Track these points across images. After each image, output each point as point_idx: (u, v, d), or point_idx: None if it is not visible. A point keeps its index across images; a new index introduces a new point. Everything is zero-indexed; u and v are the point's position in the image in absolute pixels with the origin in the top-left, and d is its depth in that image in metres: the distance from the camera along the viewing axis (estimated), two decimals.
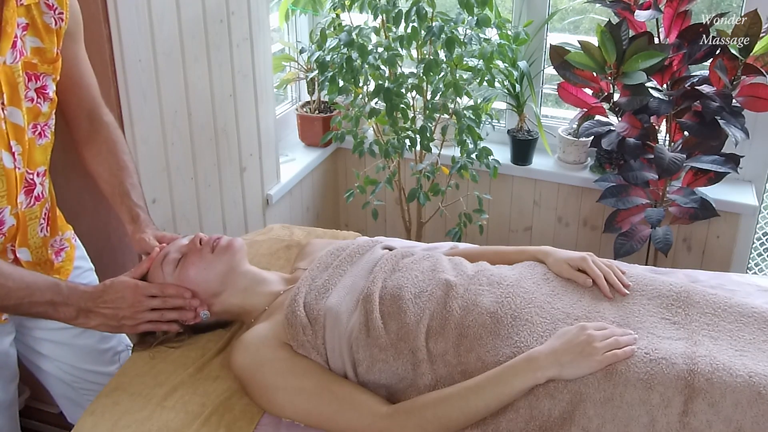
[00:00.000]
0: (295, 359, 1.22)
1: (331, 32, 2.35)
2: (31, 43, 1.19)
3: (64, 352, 1.44)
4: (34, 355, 1.44)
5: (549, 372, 1.10)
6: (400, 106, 2.27)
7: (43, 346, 1.42)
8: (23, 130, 1.20)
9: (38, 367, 1.46)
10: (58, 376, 1.46)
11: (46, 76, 1.23)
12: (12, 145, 1.19)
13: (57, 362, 1.44)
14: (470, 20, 2.17)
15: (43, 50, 1.21)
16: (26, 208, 1.26)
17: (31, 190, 1.26)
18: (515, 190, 2.72)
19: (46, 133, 1.27)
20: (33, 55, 1.20)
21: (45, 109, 1.24)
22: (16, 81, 1.17)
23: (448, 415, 1.10)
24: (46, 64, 1.22)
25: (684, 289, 1.28)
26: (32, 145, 1.24)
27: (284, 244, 1.72)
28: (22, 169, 1.22)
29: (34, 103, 1.22)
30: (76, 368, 1.45)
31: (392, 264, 1.36)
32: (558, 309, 1.24)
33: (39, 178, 1.28)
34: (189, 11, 1.86)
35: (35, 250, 1.32)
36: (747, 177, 2.46)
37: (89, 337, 1.45)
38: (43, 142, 1.27)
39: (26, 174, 1.24)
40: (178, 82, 1.87)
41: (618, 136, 2.21)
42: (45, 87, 1.23)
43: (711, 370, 1.08)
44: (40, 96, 1.23)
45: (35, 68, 1.20)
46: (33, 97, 1.21)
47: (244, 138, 2.23)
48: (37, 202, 1.29)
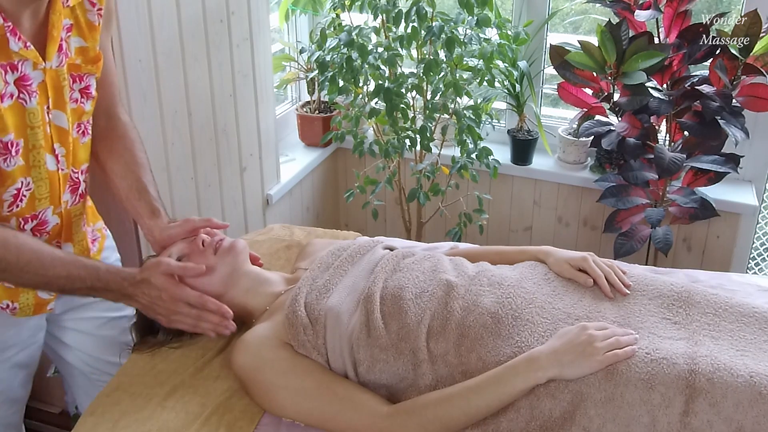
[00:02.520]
0: (296, 359, 1.22)
1: (331, 32, 2.34)
2: (75, 43, 1.19)
3: (87, 342, 1.45)
4: (59, 346, 1.44)
5: (550, 372, 1.10)
6: (400, 106, 2.27)
7: (69, 336, 1.43)
8: (67, 132, 1.20)
9: (62, 358, 1.47)
10: (79, 368, 1.47)
11: (90, 75, 1.22)
12: (56, 148, 1.19)
13: (79, 352, 1.45)
14: (470, 20, 2.17)
15: (87, 49, 1.21)
16: (72, 206, 1.27)
17: (76, 188, 1.27)
18: (515, 190, 2.72)
19: (89, 130, 1.27)
20: (77, 56, 1.19)
21: (88, 108, 1.24)
22: (62, 84, 1.16)
23: (449, 415, 1.10)
24: (90, 63, 1.21)
25: (685, 289, 1.28)
26: (76, 145, 1.24)
27: (284, 244, 1.72)
28: (66, 170, 1.22)
29: (78, 104, 1.21)
30: (96, 359, 1.46)
31: (393, 264, 1.35)
32: (559, 309, 1.24)
33: (83, 176, 1.28)
34: (189, 11, 1.86)
35: (78, 243, 1.33)
36: (747, 177, 2.46)
37: (112, 328, 1.46)
38: (86, 139, 1.27)
39: (71, 173, 1.25)
40: (178, 82, 1.87)
41: (618, 136, 2.21)
42: (88, 87, 1.23)
43: (712, 370, 1.08)
44: (83, 96, 1.22)
45: (79, 69, 1.20)
46: (77, 98, 1.21)
47: (244, 138, 2.23)
48: (81, 200, 1.29)
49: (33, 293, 1.26)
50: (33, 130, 1.13)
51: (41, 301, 1.28)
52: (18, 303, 1.25)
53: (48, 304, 1.30)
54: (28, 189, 1.16)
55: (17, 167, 1.13)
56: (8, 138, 1.09)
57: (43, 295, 1.28)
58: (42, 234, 1.23)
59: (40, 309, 1.29)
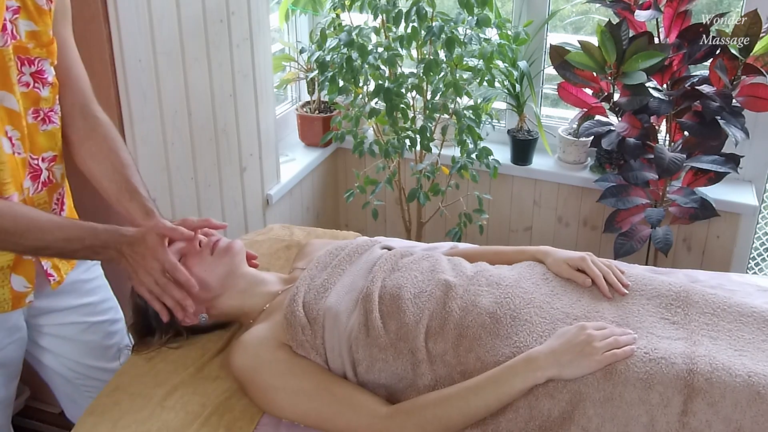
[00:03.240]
0: (294, 360, 1.22)
1: (331, 32, 2.35)
2: (25, 26, 1.18)
3: (69, 348, 1.44)
4: (37, 350, 1.43)
5: (548, 372, 1.10)
6: (400, 106, 2.27)
7: (48, 341, 1.42)
8: (19, 115, 1.19)
9: (40, 362, 1.46)
10: (60, 372, 1.46)
11: (42, 60, 1.21)
12: (8, 131, 1.18)
13: (61, 358, 1.44)
14: (470, 20, 2.17)
15: (38, 33, 1.20)
16: (35, 194, 1.26)
17: (37, 175, 1.26)
18: (515, 190, 2.72)
19: (53, 119, 1.26)
20: (28, 39, 1.19)
21: (45, 94, 1.23)
22: (7, 65, 1.16)
23: (448, 416, 1.10)
24: (41, 47, 1.21)
25: (683, 289, 1.28)
26: (34, 131, 1.23)
27: (284, 244, 1.72)
28: (24, 154, 1.22)
29: (30, 88, 1.21)
30: (79, 364, 1.45)
31: (391, 264, 1.36)
32: (557, 309, 1.24)
33: (45, 164, 1.27)
34: (189, 11, 1.86)
35: None
36: (747, 177, 2.46)
37: (94, 333, 1.45)
38: (48, 128, 1.26)
39: (30, 159, 1.24)
40: (178, 82, 1.87)
41: (618, 136, 2.21)
42: (42, 71, 1.22)
43: (710, 369, 1.08)
44: (37, 81, 1.21)
45: (27, 52, 1.19)
46: (29, 81, 1.20)
47: (244, 138, 2.23)
48: (45, 188, 1.28)
49: (8, 288, 1.25)
50: None
51: (18, 294, 1.27)
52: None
53: (26, 297, 1.29)
54: None
55: None
56: None
57: (19, 288, 1.27)
58: None
59: (18, 303, 1.28)
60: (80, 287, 1.43)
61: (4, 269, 1.24)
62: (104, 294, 1.49)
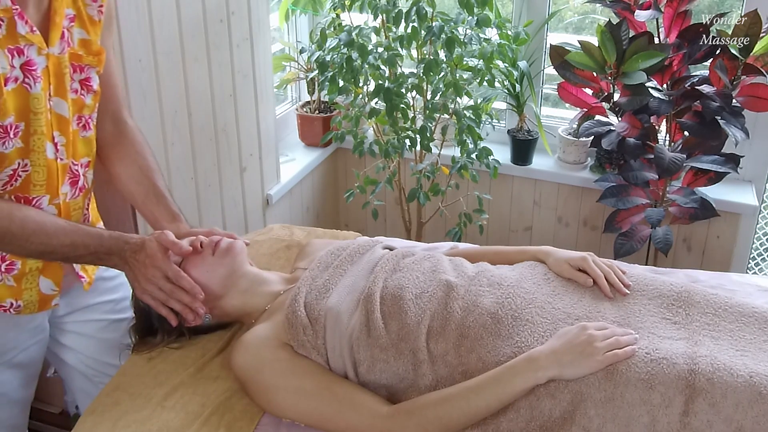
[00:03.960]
0: (296, 359, 1.22)
1: (331, 32, 2.35)
2: (78, 35, 1.21)
3: (89, 345, 1.45)
4: (58, 347, 1.44)
5: (550, 372, 1.10)
6: (400, 106, 2.27)
7: (70, 338, 1.43)
8: (68, 121, 1.21)
9: (61, 360, 1.47)
10: (79, 369, 1.47)
11: (91, 68, 1.24)
12: (55, 136, 1.20)
13: (80, 355, 1.45)
14: (470, 20, 2.17)
15: (89, 42, 1.23)
16: (71, 200, 1.27)
17: (76, 181, 1.27)
18: (515, 190, 2.72)
19: (90, 125, 1.28)
20: (80, 47, 1.21)
21: (89, 101, 1.26)
22: (63, 72, 1.18)
23: (449, 415, 1.10)
24: (92, 55, 1.23)
25: (684, 289, 1.28)
26: (76, 137, 1.25)
27: (284, 244, 1.72)
28: (66, 160, 1.23)
29: (78, 95, 1.23)
30: (98, 361, 1.46)
31: (393, 264, 1.35)
32: (558, 309, 1.24)
33: (83, 169, 1.28)
34: (189, 11, 1.86)
35: None
36: (747, 177, 2.46)
37: (114, 330, 1.46)
38: (87, 134, 1.28)
39: (71, 165, 1.25)
40: (178, 82, 1.87)
41: (618, 136, 2.21)
42: (89, 79, 1.24)
43: (712, 370, 1.08)
44: (84, 88, 1.24)
45: (80, 59, 1.22)
46: (77, 88, 1.23)
47: (244, 138, 2.23)
48: (81, 193, 1.29)
49: (36, 290, 1.26)
50: (36, 116, 1.15)
51: (45, 297, 1.28)
52: (21, 301, 1.25)
53: (52, 300, 1.30)
54: (25, 170, 1.17)
55: (15, 149, 1.14)
56: (8, 121, 1.11)
57: (47, 291, 1.28)
58: None
59: (45, 305, 1.29)
60: (102, 285, 1.44)
61: (33, 272, 1.25)
62: (125, 292, 1.50)
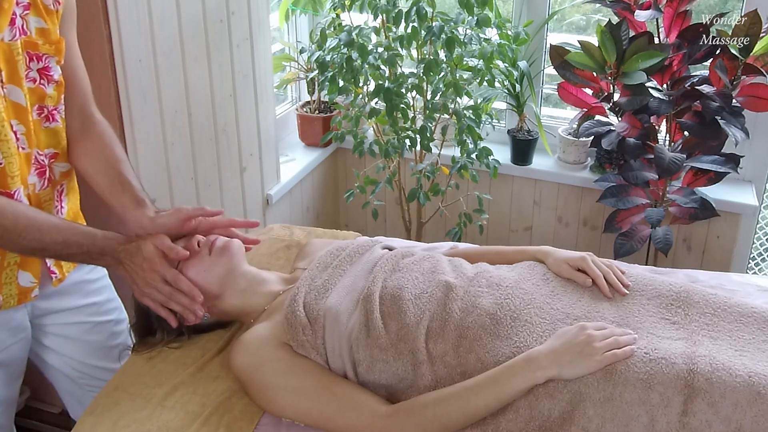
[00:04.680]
0: (295, 359, 1.22)
1: (331, 32, 2.35)
2: (35, 23, 1.20)
3: (73, 347, 1.44)
4: (42, 349, 1.44)
5: (549, 372, 1.10)
6: (400, 106, 2.27)
7: (53, 341, 1.42)
8: (26, 110, 1.20)
9: (45, 361, 1.46)
10: (64, 372, 1.46)
11: (49, 57, 1.23)
12: (13, 125, 1.19)
13: (65, 357, 1.44)
14: (470, 20, 2.17)
15: (48, 31, 1.22)
16: (40, 190, 1.27)
17: (42, 172, 1.26)
18: (515, 190, 2.72)
19: (55, 117, 1.27)
20: (38, 36, 1.20)
21: (50, 92, 1.24)
22: (15, 59, 1.17)
23: (448, 415, 1.10)
24: (49, 44, 1.22)
25: (684, 289, 1.28)
26: (37, 127, 1.24)
27: (284, 244, 1.72)
28: (28, 149, 1.22)
29: (36, 84, 1.22)
30: (84, 364, 1.45)
31: (392, 264, 1.36)
32: (557, 309, 1.24)
33: (48, 160, 1.27)
34: (189, 11, 1.86)
35: None
36: (747, 177, 2.46)
37: (99, 333, 1.46)
38: (51, 125, 1.27)
39: (36, 155, 1.24)
40: (178, 82, 1.87)
41: (618, 136, 2.21)
42: (48, 68, 1.23)
43: (711, 370, 1.08)
44: (43, 77, 1.23)
45: (36, 48, 1.20)
46: (35, 77, 1.21)
47: (244, 138, 2.23)
48: (49, 184, 1.29)
49: (15, 284, 1.26)
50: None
51: (24, 290, 1.28)
52: (1, 296, 1.25)
53: (31, 292, 1.29)
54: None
55: None
56: None
57: (26, 284, 1.28)
58: None
59: (24, 297, 1.29)
60: (85, 287, 1.43)
61: (11, 266, 1.25)
62: (109, 294, 1.49)
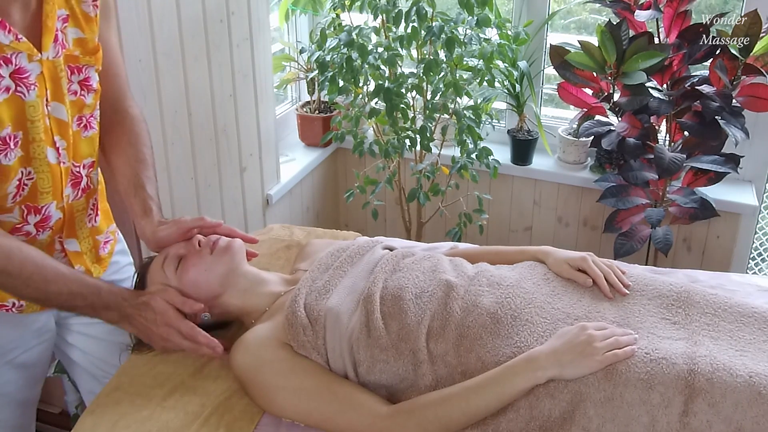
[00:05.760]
0: (296, 359, 1.22)
1: (331, 32, 2.35)
2: (72, 34, 1.18)
3: (97, 346, 1.44)
4: (67, 347, 1.44)
5: (549, 372, 1.10)
6: (400, 106, 2.27)
7: (78, 339, 1.43)
8: (67, 124, 1.19)
9: (70, 359, 1.46)
10: (88, 370, 1.46)
11: (89, 67, 1.21)
12: (56, 141, 1.18)
13: (89, 356, 1.44)
14: (470, 20, 2.17)
15: (85, 41, 1.20)
16: (74, 200, 1.26)
17: (78, 182, 1.26)
18: (515, 190, 2.72)
19: (92, 124, 1.26)
20: (75, 47, 1.19)
21: (89, 101, 1.23)
22: (59, 76, 1.16)
23: (449, 415, 1.10)
24: (88, 55, 1.21)
25: (684, 289, 1.28)
26: (77, 138, 1.23)
27: (284, 244, 1.72)
28: (68, 163, 1.22)
29: (77, 96, 1.21)
30: (107, 363, 1.45)
31: (393, 264, 1.35)
32: (558, 309, 1.24)
33: (85, 170, 1.27)
34: (189, 11, 1.86)
35: (83, 240, 1.32)
36: (747, 177, 2.46)
37: (122, 333, 1.44)
38: (89, 133, 1.26)
39: (72, 167, 1.24)
40: (178, 82, 1.87)
41: (618, 136, 2.21)
42: (88, 79, 1.22)
43: (711, 370, 1.08)
44: (83, 88, 1.21)
45: (77, 61, 1.19)
46: (77, 90, 1.20)
47: (244, 138, 2.23)
48: (84, 194, 1.28)
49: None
50: (33, 124, 1.13)
51: None
52: (24, 301, 1.25)
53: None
54: (30, 179, 1.16)
55: (17, 158, 1.13)
56: (5, 132, 1.09)
57: None
58: (45, 229, 1.23)
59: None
60: None
61: None
62: None
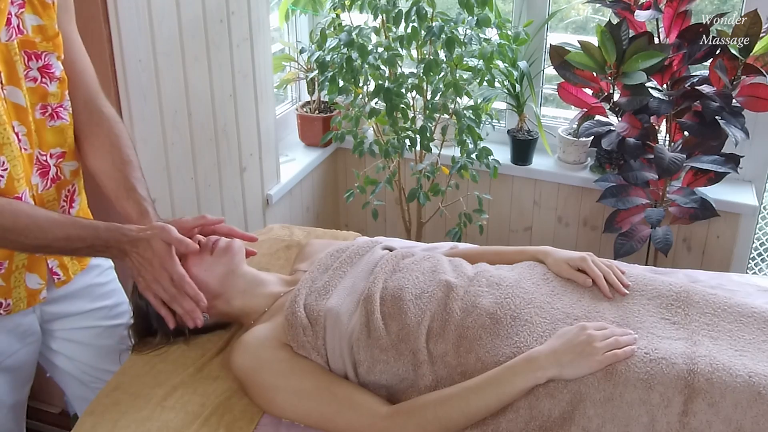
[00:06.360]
0: (295, 360, 1.22)
1: (331, 32, 2.35)
2: (31, 21, 1.18)
3: (83, 352, 1.43)
4: (51, 353, 1.43)
5: (549, 372, 1.10)
6: (400, 106, 2.27)
7: (62, 345, 1.41)
8: (26, 110, 1.18)
9: (54, 365, 1.45)
10: (75, 375, 1.45)
11: (48, 54, 1.21)
12: (15, 126, 1.17)
13: (75, 361, 1.43)
14: (470, 20, 2.17)
15: (44, 27, 1.19)
16: (43, 191, 1.25)
17: (45, 172, 1.25)
18: (515, 190, 2.72)
19: (61, 114, 1.25)
20: (35, 34, 1.18)
21: (53, 89, 1.22)
22: (13, 59, 1.15)
23: (449, 416, 1.10)
24: (47, 41, 1.20)
25: (684, 289, 1.28)
26: (41, 127, 1.22)
27: (284, 244, 1.72)
28: (30, 150, 1.21)
29: (37, 83, 1.20)
30: (94, 368, 1.44)
31: (393, 264, 1.36)
32: (558, 309, 1.24)
33: (53, 160, 1.26)
34: (189, 11, 1.86)
35: None
36: (747, 177, 2.46)
37: (109, 337, 1.45)
38: (56, 123, 1.25)
39: (38, 155, 1.23)
40: (178, 82, 1.87)
41: (618, 136, 2.21)
42: (49, 66, 1.21)
43: (711, 370, 1.08)
44: (44, 76, 1.21)
45: (34, 46, 1.18)
46: (36, 76, 1.20)
47: (244, 138, 2.23)
48: (53, 185, 1.27)
49: (23, 287, 1.25)
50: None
51: (32, 291, 1.27)
52: (11, 299, 1.25)
53: (40, 294, 1.29)
54: (4, 169, 1.15)
55: None
56: None
57: (33, 286, 1.27)
58: None
59: (33, 300, 1.28)
60: (94, 291, 1.42)
61: (19, 269, 1.24)
62: (118, 298, 1.48)
